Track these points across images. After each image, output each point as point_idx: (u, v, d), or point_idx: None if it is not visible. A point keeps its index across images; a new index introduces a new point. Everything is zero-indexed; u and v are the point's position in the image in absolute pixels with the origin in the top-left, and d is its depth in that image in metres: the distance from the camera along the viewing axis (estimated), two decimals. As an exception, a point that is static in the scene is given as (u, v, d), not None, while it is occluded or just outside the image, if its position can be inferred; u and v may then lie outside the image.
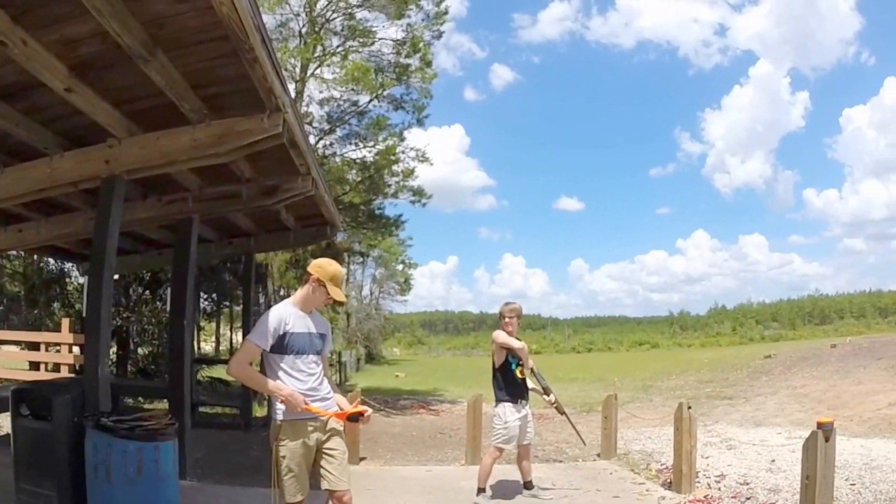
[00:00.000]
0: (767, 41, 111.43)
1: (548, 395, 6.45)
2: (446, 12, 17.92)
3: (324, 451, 3.90)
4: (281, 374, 3.84)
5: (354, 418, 3.92)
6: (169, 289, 11.02)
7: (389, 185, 18.69)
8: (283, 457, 3.80)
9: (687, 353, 49.76)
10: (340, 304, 4.07)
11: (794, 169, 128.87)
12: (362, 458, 8.44)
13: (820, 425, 4.65)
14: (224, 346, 24.63)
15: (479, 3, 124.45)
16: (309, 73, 17.31)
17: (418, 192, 19.02)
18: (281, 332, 3.82)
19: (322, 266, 3.97)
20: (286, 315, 3.88)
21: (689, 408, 6.89)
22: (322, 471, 3.91)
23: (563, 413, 6.83)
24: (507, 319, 6.24)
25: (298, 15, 17.42)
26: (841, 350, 23.44)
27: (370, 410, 4.04)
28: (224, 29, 4.03)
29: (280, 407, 3.82)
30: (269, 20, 17.12)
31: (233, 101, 5.22)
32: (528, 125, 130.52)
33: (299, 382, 3.84)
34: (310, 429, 3.85)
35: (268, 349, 3.81)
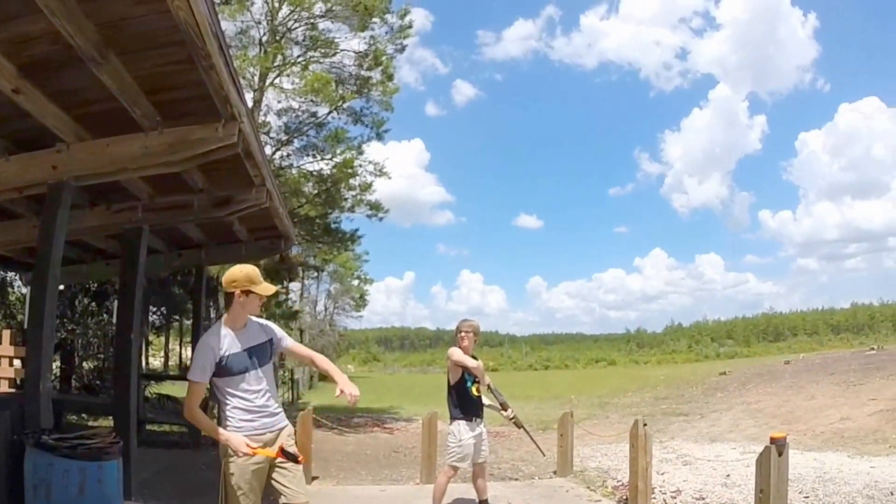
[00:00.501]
0: (727, 66, 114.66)
1: (506, 411, 6.39)
2: (410, 26, 17.92)
3: (277, 465, 3.77)
4: (228, 397, 3.73)
5: (291, 457, 3.77)
6: (116, 301, 10.70)
7: (346, 199, 18.48)
8: (232, 474, 3.66)
9: (643, 370, 50.33)
10: (274, 296, 3.96)
11: (751, 190, 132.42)
12: (315, 478, 8.27)
13: (773, 440, 4.67)
14: (173, 362, 24.09)
15: (444, 18, 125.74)
16: (268, 82, 17.07)
17: (375, 207, 18.82)
18: (216, 360, 3.69)
19: (235, 277, 3.80)
20: (218, 340, 3.75)
21: (645, 425, 6.89)
22: (278, 486, 3.79)
23: (521, 427, 6.78)
24: (462, 334, 6.17)
25: (259, 23, 17.20)
26: (794, 366, 23.92)
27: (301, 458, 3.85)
28: (181, 34, 3.93)
29: (230, 422, 3.70)
30: (228, 27, 16.90)
31: (187, 109, 5.09)
32: (489, 142, 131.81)
33: (247, 402, 3.74)
34: (259, 444, 3.71)
35: (208, 381, 3.72)
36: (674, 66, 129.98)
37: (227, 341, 3.77)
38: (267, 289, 3.85)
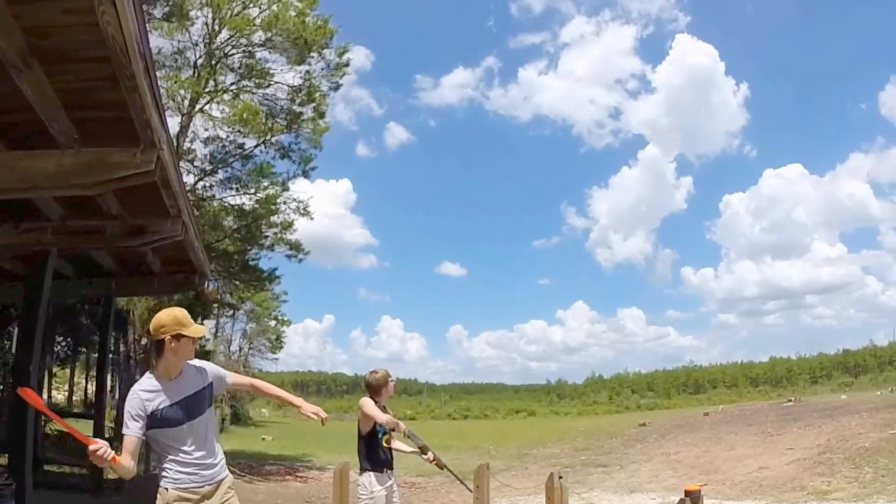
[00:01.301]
0: (658, 128, 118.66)
1: (426, 454, 6.24)
2: (347, 64, 18.01)
3: None
4: (164, 450, 3.57)
5: None
6: (17, 327, 10.11)
7: (267, 237, 18.16)
8: None
9: (564, 422, 50.69)
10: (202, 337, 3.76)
11: (674, 248, 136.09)
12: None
13: (688, 493, 4.70)
14: (78, 396, 22.94)
15: (384, 59, 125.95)
16: (198, 107, 16.77)
17: (295, 247, 18.55)
18: (148, 413, 3.50)
19: (163, 322, 3.59)
20: (147, 394, 3.55)
21: (561, 477, 6.83)
22: None
23: (443, 467, 6.62)
24: (391, 385, 6.07)
25: (197, 45, 16.99)
26: (713, 418, 24.50)
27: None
28: (107, 50, 3.78)
29: (167, 475, 3.53)
30: (165, 45, 16.66)
31: (107, 130, 4.91)
32: (418, 187, 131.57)
33: (185, 455, 3.57)
34: (197, 497, 3.56)
35: (142, 435, 3.50)
36: (606, 124, 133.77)
37: (160, 394, 3.57)
38: (198, 330, 3.69)
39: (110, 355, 11.32)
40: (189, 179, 16.74)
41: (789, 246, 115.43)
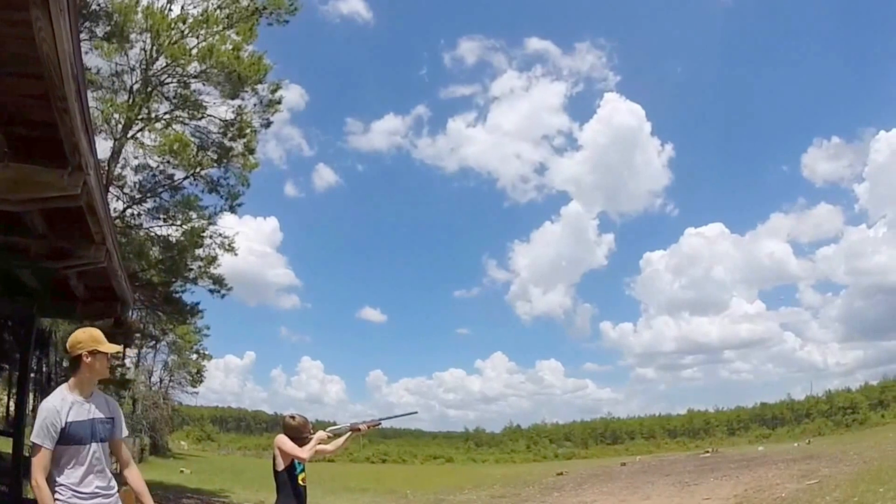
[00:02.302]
0: (582, 185, 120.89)
1: (359, 430, 6.18)
2: (280, 101, 17.99)
3: None
4: (61, 468, 3.49)
5: None
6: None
7: (191, 269, 17.84)
8: None
9: (481, 469, 50.46)
10: (117, 353, 3.75)
11: (593, 302, 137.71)
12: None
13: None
14: None
15: (318, 100, 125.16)
16: (130, 133, 16.49)
17: (218, 281, 18.28)
18: (60, 425, 3.47)
19: (79, 339, 3.64)
20: (62, 404, 3.53)
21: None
22: None
23: (378, 423, 6.50)
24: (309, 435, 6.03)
25: (134, 70, 16.71)
26: (630, 468, 24.75)
27: None
28: (41, 67, 3.75)
29: (59, 497, 3.44)
30: (104, 65, 16.37)
31: (37, 148, 4.83)
32: (343, 231, 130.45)
33: (80, 478, 3.52)
34: None
35: (52, 447, 3.45)
36: (531, 179, 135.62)
37: (73, 407, 3.55)
38: (112, 347, 3.72)
39: (32, 374, 10.87)
40: (118, 206, 16.43)
41: (708, 302, 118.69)
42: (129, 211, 16.95)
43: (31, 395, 13.90)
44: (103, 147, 15.45)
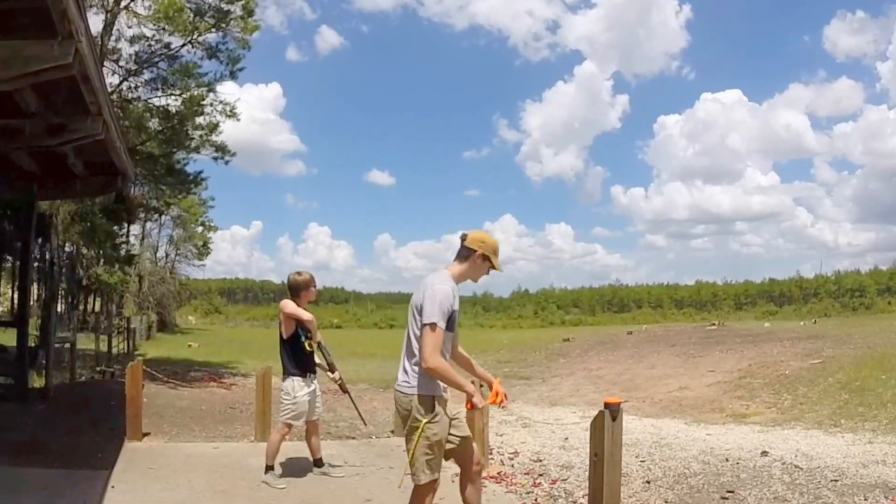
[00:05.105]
0: (596, 44, 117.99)
1: (333, 373, 6.22)
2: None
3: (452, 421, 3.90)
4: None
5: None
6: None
7: (192, 139, 17.38)
8: (435, 434, 3.69)
9: (488, 334, 51.42)
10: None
11: (605, 166, 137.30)
12: (146, 434, 7.81)
13: (607, 405, 4.78)
14: (4, 307, 22.08)
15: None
16: (123, 3, 15.71)
17: (221, 149, 17.78)
18: (453, 308, 3.70)
19: (485, 240, 3.85)
20: (454, 290, 3.76)
21: (482, 386, 6.96)
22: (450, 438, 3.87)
23: (346, 392, 6.62)
24: (312, 289, 5.99)
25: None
26: (637, 337, 25.09)
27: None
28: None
29: (423, 380, 3.70)
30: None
31: (23, 22, 4.51)
32: (348, 94, 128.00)
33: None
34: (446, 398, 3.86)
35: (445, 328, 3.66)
36: (543, 37, 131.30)
37: (456, 295, 3.78)
38: (498, 268, 3.91)
39: (36, 263, 10.81)
40: (114, 80, 15.85)
41: (721, 171, 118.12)
42: (125, 84, 16.39)
43: (36, 285, 13.82)
44: (95, 21, 14.81)
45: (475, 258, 3.84)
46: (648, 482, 6.02)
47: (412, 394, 3.71)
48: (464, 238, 3.91)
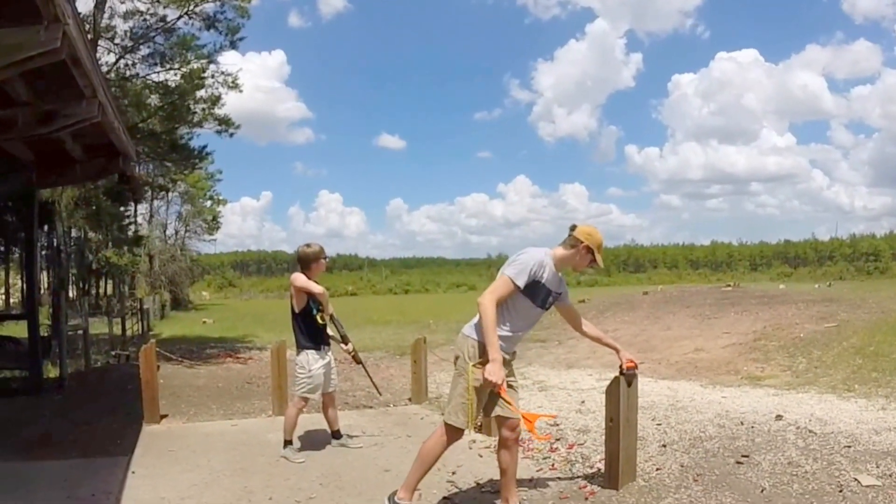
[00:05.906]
0: (607, 1, 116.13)
1: (346, 344, 6.18)
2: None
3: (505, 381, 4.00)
4: (512, 312, 4.06)
5: None
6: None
7: (194, 113, 17.15)
8: (476, 379, 3.93)
9: (505, 296, 51.40)
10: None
11: (619, 125, 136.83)
12: (164, 416, 7.85)
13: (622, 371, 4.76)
14: (15, 299, 22.16)
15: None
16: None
17: (225, 122, 17.58)
18: (536, 279, 3.99)
19: (592, 234, 4.17)
20: (546, 265, 4.06)
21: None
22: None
23: (360, 363, 6.60)
24: (322, 260, 5.95)
25: None
26: (653, 297, 24.91)
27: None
28: None
29: (501, 330, 3.99)
30: None
31: (6, 9, 4.38)
32: (354, 58, 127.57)
33: (516, 327, 4.13)
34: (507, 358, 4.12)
35: (521, 287, 3.95)
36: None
37: (550, 272, 4.09)
38: (600, 263, 4.22)
39: (43, 252, 10.76)
40: (110, 59, 15.64)
41: (737, 131, 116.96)
42: (122, 62, 16.15)
43: (46, 274, 13.74)
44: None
45: (581, 248, 4.16)
46: (664, 446, 5.99)
47: (470, 336, 4.08)
48: (573, 228, 4.23)
